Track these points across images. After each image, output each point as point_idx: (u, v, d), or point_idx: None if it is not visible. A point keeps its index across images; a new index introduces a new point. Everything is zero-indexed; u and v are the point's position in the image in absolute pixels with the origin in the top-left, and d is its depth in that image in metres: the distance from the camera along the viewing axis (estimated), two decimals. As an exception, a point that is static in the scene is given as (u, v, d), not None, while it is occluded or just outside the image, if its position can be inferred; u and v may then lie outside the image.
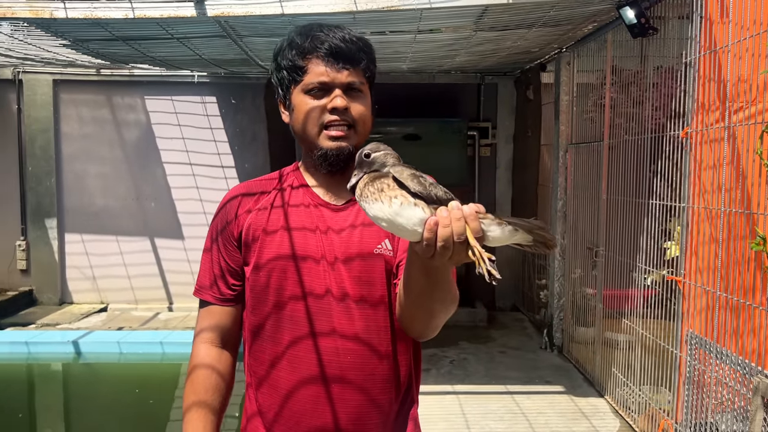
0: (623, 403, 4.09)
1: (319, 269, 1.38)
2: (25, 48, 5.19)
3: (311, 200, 1.44)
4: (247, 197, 1.47)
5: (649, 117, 3.80)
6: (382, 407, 1.39)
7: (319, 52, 1.37)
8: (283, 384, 1.38)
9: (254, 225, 1.42)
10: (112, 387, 5.24)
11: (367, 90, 1.43)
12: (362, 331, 1.37)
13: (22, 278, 7.03)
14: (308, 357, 1.36)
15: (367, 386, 1.37)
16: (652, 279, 3.82)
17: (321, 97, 1.38)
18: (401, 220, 1.09)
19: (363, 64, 1.40)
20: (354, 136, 1.39)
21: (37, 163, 6.93)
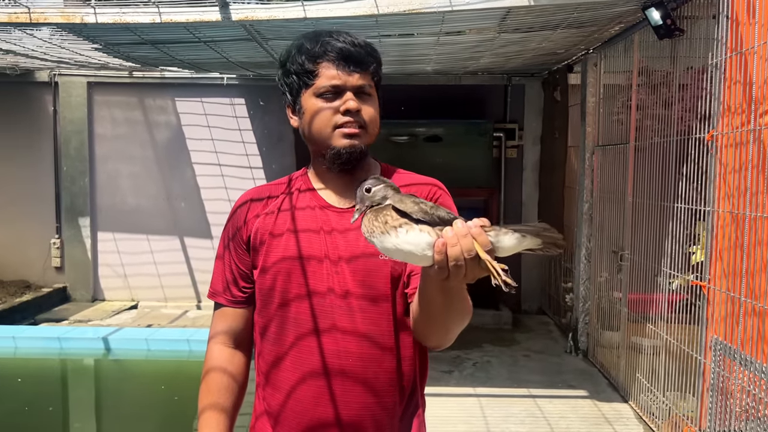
0: (647, 409, 4.03)
1: (322, 268, 1.41)
2: (59, 52, 5.34)
3: (317, 203, 1.47)
4: (256, 202, 1.51)
5: (679, 119, 3.74)
6: (385, 404, 1.41)
7: (330, 56, 1.40)
8: (286, 382, 1.42)
9: (262, 229, 1.46)
10: (140, 383, 5.35)
11: (374, 93, 1.46)
12: (364, 328, 1.39)
13: (57, 275, 7.23)
14: (311, 355, 1.40)
15: (370, 382, 1.39)
16: (678, 284, 3.76)
17: (333, 99, 1.41)
18: (410, 247, 1.11)
19: (372, 68, 1.44)
20: (365, 136, 1.43)
21: (72, 163, 7.12)
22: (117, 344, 5.54)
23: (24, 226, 7.21)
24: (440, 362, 5.05)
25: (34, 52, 5.43)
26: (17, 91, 7.12)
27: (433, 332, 1.37)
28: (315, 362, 1.39)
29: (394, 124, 6.50)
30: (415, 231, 1.11)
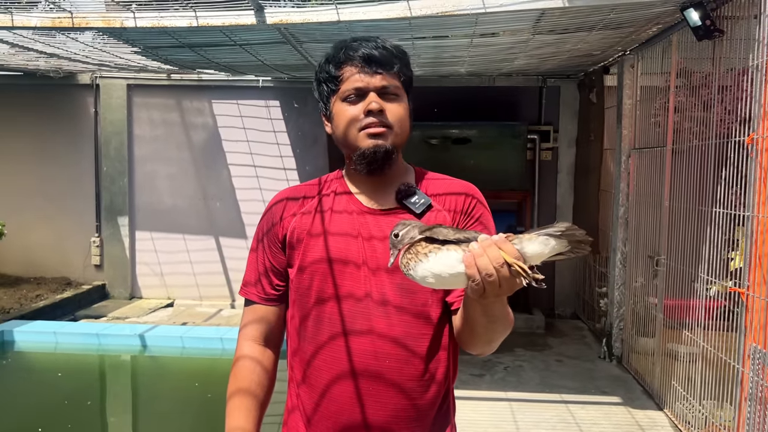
0: (683, 417, 3.95)
1: (360, 274, 1.42)
2: (100, 55, 5.48)
3: (355, 207, 1.48)
4: (292, 201, 1.53)
5: (718, 121, 3.66)
6: (418, 407, 1.41)
7: (353, 60, 1.42)
8: (321, 381, 1.43)
9: (298, 228, 1.48)
10: (174, 380, 5.45)
11: (402, 93, 1.47)
12: (400, 333, 1.40)
13: (96, 273, 7.41)
14: (346, 356, 1.41)
15: (404, 386, 1.40)
16: (715, 290, 3.68)
17: (357, 102, 1.43)
18: (442, 268, 1.16)
19: (396, 68, 1.45)
20: (391, 136, 1.43)
21: (111, 163, 7.29)
22: (153, 341, 5.66)
23: (65, 224, 7.42)
24: (471, 366, 5.03)
25: (77, 56, 5.58)
26: (60, 93, 7.34)
27: (477, 345, 1.42)
28: (350, 363, 1.40)
29: (427, 126, 6.50)
30: (443, 252, 1.16)
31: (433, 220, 1.44)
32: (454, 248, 1.16)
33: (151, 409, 4.90)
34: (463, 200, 1.48)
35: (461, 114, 6.69)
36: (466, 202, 1.48)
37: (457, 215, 1.47)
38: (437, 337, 1.43)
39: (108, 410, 4.88)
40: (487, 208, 1.51)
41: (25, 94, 7.36)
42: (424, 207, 1.45)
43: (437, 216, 1.45)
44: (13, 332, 5.58)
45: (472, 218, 1.47)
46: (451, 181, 1.54)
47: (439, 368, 1.43)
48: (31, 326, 5.73)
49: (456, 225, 1.46)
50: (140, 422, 4.72)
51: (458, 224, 1.46)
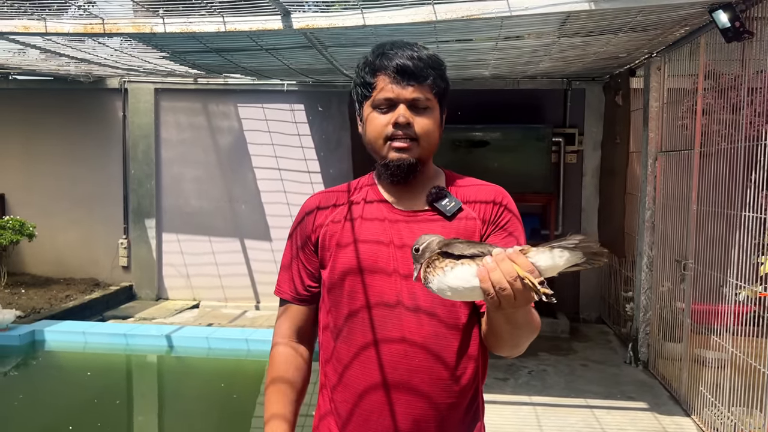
0: (711, 424, 3.89)
1: (391, 281, 1.43)
2: (129, 60, 5.58)
3: (387, 214, 1.50)
4: (323, 209, 1.55)
5: (748, 124, 3.61)
6: (447, 413, 1.43)
7: (387, 70, 1.44)
8: (355, 385, 1.45)
9: (331, 233, 1.50)
10: (200, 380, 5.52)
11: (434, 105, 1.47)
12: (432, 342, 1.42)
13: (124, 274, 7.53)
14: (378, 362, 1.42)
15: (432, 393, 1.41)
16: (745, 295, 3.63)
17: (387, 112, 1.45)
18: (458, 281, 1.20)
19: (430, 81, 1.45)
20: (417, 149, 1.45)
21: (139, 166, 7.41)
22: (179, 342, 5.74)
23: (94, 226, 7.56)
24: (495, 369, 5.01)
25: (107, 61, 5.69)
26: (90, 97, 7.48)
27: (503, 349, 1.44)
28: (383, 368, 1.42)
29: (452, 129, 6.50)
30: (458, 266, 1.20)
31: (464, 224, 1.46)
32: (469, 263, 1.19)
33: (178, 409, 4.97)
34: (491, 209, 1.49)
35: (486, 117, 6.67)
36: (494, 211, 1.49)
37: (486, 225, 1.48)
38: (465, 344, 1.44)
39: (135, 410, 4.96)
40: (515, 213, 1.52)
41: (56, 98, 7.52)
42: (454, 210, 1.47)
43: (467, 223, 1.47)
44: (44, 332, 5.70)
45: (499, 226, 1.48)
46: (480, 186, 1.55)
47: (467, 374, 1.45)
48: (61, 326, 5.84)
49: (484, 233, 1.48)
50: (166, 422, 4.79)
51: (486, 233, 1.48)
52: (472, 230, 1.46)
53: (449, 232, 1.44)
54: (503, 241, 1.46)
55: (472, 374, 1.45)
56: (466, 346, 1.45)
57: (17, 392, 5.06)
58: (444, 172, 1.58)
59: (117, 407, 4.89)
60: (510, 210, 1.51)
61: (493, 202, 1.50)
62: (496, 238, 1.47)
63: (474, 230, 1.47)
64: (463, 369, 1.44)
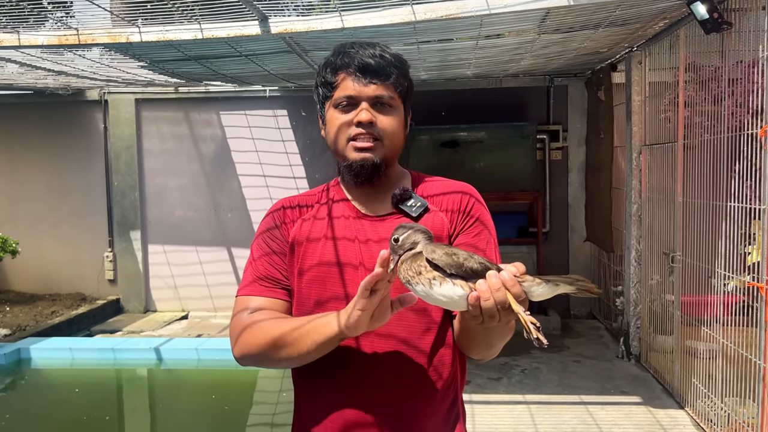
0: (705, 415, 3.89)
1: (357, 275, 1.41)
2: (108, 70, 5.52)
3: (351, 213, 1.48)
4: (290, 209, 1.53)
5: (729, 115, 3.62)
6: (426, 403, 1.40)
7: (349, 67, 1.41)
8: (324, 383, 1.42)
9: (298, 235, 1.48)
10: (190, 393, 5.45)
11: (398, 104, 1.45)
12: (401, 333, 1.40)
13: (110, 287, 7.44)
14: (348, 356, 1.39)
15: (409, 383, 1.39)
16: (733, 285, 3.63)
17: (349, 111, 1.42)
18: (443, 299, 1.16)
19: (393, 79, 1.42)
20: (381, 149, 1.43)
21: (122, 178, 7.33)
22: (168, 354, 5.66)
23: (78, 240, 7.47)
24: (488, 369, 4.99)
25: (85, 72, 5.62)
26: (70, 110, 7.40)
27: (476, 351, 1.43)
28: (353, 363, 1.39)
29: (435, 129, 6.49)
30: (449, 284, 1.15)
31: (430, 223, 1.43)
32: (461, 284, 1.14)
33: (169, 423, 4.90)
34: (460, 199, 1.48)
35: (469, 116, 6.67)
36: (464, 201, 1.48)
37: (455, 214, 1.46)
38: (441, 334, 1.42)
39: (126, 425, 4.89)
40: (485, 207, 1.51)
41: (35, 112, 7.43)
42: (420, 210, 1.45)
43: (434, 218, 1.45)
44: (30, 350, 5.60)
45: (472, 217, 1.47)
46: (447, 182, 1.54)
47: (444, 364, 1.42)
48: (47, 343, 5.75)
49: (454, 225, 1.45)
50: (158, 436, 4.73)
51: (456, 224, 1.46)
52: (439, 226, 1.44)
53: None
54: (477, 236, 1.45)
55: (449, 368, 1.43)
56: (441, 338, 1.43)
57: (4, 412, 4.97)
58: (410, 173, 1.56)
59: (107, 423, 4.81)
60: (480, 202, 1.50)
61: (462, 192, 1.49)
62: (467, 236, 1.45)
63: (441, 226, 1.45)
64: (438, 361, 1.41)
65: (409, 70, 1.48)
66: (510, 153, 6.53)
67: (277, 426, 4.71)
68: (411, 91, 1.49)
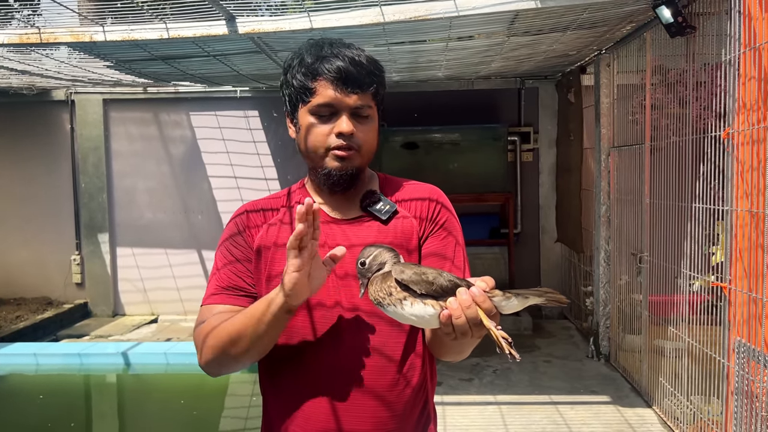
0: (671, 413, 3.94)
1: (328, 282, 1.39)
2: (73, 70, 5.41)
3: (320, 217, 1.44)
4: (254, 213, 1.50)
5: (696, 117, 3.67)
6: (396, 415, 1.39)
7: (328, 74, 1.37)
8: (296, 394, 1.40)
9: (265, 240, 1.45)
10: (160, 397, 5.36)
11: (374, 113, 1.43)
12: (372, 341, 1.38)
13: (78, 291, 7.30)
14: (318, 366, 1.38)
15: (380, 394, 1.38)
16: (698, 285, 3.68)
17: (327, 120, 1.39)
18: (415, 318, 1.17)
19: (372, 89, 1.40)
20: (358, 158, 1.41)
21: (90, 179, 7.19)
22: (137, 359, 5.57)
23: (44, 243, 7.31)
24: (460, 370, 5.00)
25: (49, 72, 5.50)
26: (35, 110, 7.23)
27: (447, 355, 1.44)
28: (322, 373, 1.38)
29: (407, 131, 6.48)
30: (419, 304, 1.16)
31: (400, 227, 1.43)
32: (432, 303, 1.15)
33: (137, 429, 4.82)
34: (428, 206, 1.47)
35: (441, 118, 6.68)
36: (431, 208, 1.47)
37: (423, 222, 1.46)
38: (411, 343, 1.42)
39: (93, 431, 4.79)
40: (451, 211, 1.51)
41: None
42: (389, 213, 1.44)
43: (404, 222, 1.44)
44: (-7, 355, 5.47)
45: (437, 224, 1.47)
46: (415, 185, 1.53)
47: (415, 374, 1.42)
48: (11, 348, 5.62)
49: (422, 232, 1.46)
50: (126, 442, 4.64)
51: (425, 231, 1.46)
52: (409, 231, 1.44)
53: (386, 235, 1.42)
54: (443, 241, 1.45)
55: (419, 376, 1.42)
56: (411, 347, 1.42)
57: (-35, 420, 4.84)
58: (377, 175, 1.55)
59: (72, 430, 4.71)
60: (446, 208, 1.50)
61: (429, 199, 1.48)
62: (436, 239, 1.46)
63: (411, 231, 1.44)
64: (409, 370, 1.40)
65: (384, 76, 1.46)
66: (482, 154, 6.56)
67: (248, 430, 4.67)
68: (384, 98, 1.47)
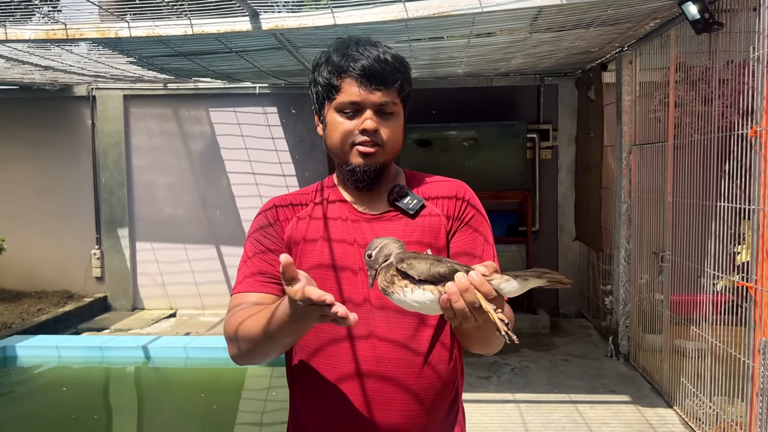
0: (693, 414, 3.91)
1: (357, 280, 1.40)
2: (96, 66, 5.46)
3: (349, 214, 1.46)
4: (283, 208, 1.51)
5: (720, 115, 3.63)
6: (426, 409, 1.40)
7: (353, 72, 1.38)
8: (324, 388, 1.41)
9: (294, 233, 1.46)
10: (179, 391, 5.41)
11: (399, 109, 1.44)
12: (401, 336, 1.39)
13: (98, 285, 7.38)
14: (348, 361, 1.39)
15: (410, 387, 1.39)
16: (722, 285, 3.65)
17: (353, 117, 1.40)
18: (417, 305, 1.19)
19: (397, 85, 1.41)
20: (383, 154, 1.42)
21: (110, 175, 7.26)
22: (156, 352, 5.62)
23: (65, 237, 7.39)
24: (478, 368, 4.99)
25: (72, 68, 5.56)
26: (57, 105, 7.31)
27: (474, 347, 1.44)
28: (352, 368, 1.39)
29: (425, 128, 6.47)
30: (419, 290, 1.18)
31: (428, 221, 1.44)
32: (431, 288, 1.17)
33: (157, 421, 4.86)
34: (455, 204, 1.48)
35: (460, 115, 6.67)
36: (458, 206, 1.47)
37: (450, 220, 1.46)
38: (437, 334, 1.42)
39: (114, 424, 4.84)
40: (479, 208, 1.51)
41: (22, 108, 7.33)
42: (417, 207, 1.45)
43: (431, 219, 1.45)
44: (16, 347, 5.54)
45: (464, 222, 1.47)
46: (442, 182, 1.53)
47: (443, 366, 1.42)
48: (34, 341, 5.69)
49: (449, 229, 1.45)
50: (146, 435, 4.68)
51: (452, 229, 1.46)
52: (436, 227, 1.44)
53: (413, 231, 1.42)
54: (470, 237, 1.45)
55: (449, 370, 1.43)
56: (439, 335, 1.43)
57: (-11, 411, 4.91)
58: (404, 171, 1.55)
59: (95, 422, 4.76)
60: (473, 205, 1.50)
61: (456, 197, 1.48)
62: (463, 235, 1.46)
63: (438, 227, 1.44)
64: (438, 364, 1.41)
65: (410, 73, 1.46)
66: (500, 152, 6.53)
67: (266, 425, 4.69)
68: (410, 95, 1.47)
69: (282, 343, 1.29)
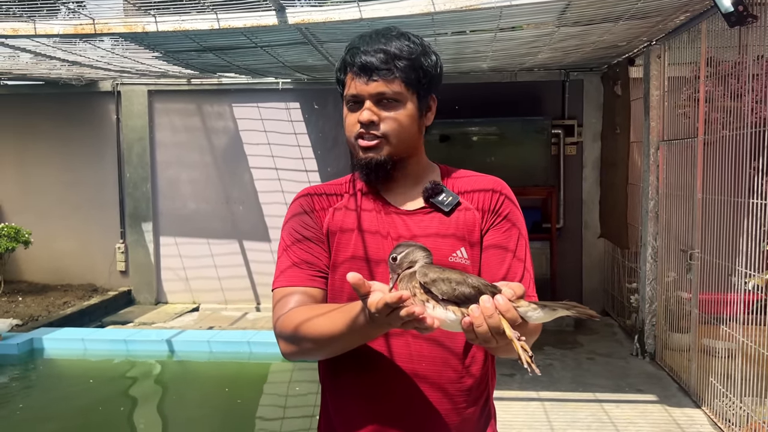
0: (722, 415, 3.84)
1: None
2: (122, 61, 5.50)
3: (382, 207, 1.45)
4: (318, 197, 1.49)
5: (750, 110, 3.55)
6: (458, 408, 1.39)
7: (354, 66, 1.39)
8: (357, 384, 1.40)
9: (332, 224, 1.45)
10: (203, 385, 5.44)
11: (406, 97, 1.39)
12: (435, 335, 1.36)
13: (122, 279, 7.45)
14: (382, 357, 1.38)
15: (443, 386, 1.37)
16: (754, 283, 3.57)
17: (356, 109, 1.40)
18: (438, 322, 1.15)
19: (398, 73, 1.36)
20: (385, 147, 1.39)
21: (134, 169, 7.32)
22: (180, 346, 5.67)
23: (90, 231, 7.48)
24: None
25: (98, 63, 5.61)
26: (83, 100, 7.39)
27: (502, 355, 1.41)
28: (385, 367, 1.37)
29: (449, 123, 6.44)
30: (440, 309, 1.15)
31: (463, 217, 1.42)
32: (453, 309, 1.14)
33: (181, 415, 4.90)
34: (491, 197, 1.45)
35: (484, 110, 6.61)
36: (494, 199, 1.45)
37: (486, 214, 1.44)
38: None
39: (139, 416, 4.88)
40: (515, 203, 1.48)
41: (48, 103, 7.43)
42: (452, 205, 1.43)
43: (466, 214, 1.43)
44: (43, 340, 5.62)
45: (500, 216, 1.45)
46: (477, 177, 1.51)
47: (477, 367, 1.41)
48: (60, 333, 5.77)
49: (484, 224, 1.43)
50: (171, 428, 4.72)
51: (486, 225, 1.44)
52: (471, 223, 1.42)
53: (448, 227, 1.40)
54: (505, 233, 1.43)
55: (481, 369, 1.42)
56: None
57: (17, 402, 4.98)
58: (438, 167, 1.53)
59: (120, 414, 4.81)
60: (510, 199, 1.47)
61: (492, 190, 1.46)
62: (498, 231, 1.43)
63: (474, 223, 1.43)
64: (471, 362, 1.40)
65: (422, 59, 1.40)
66: (524, 148, 6.48)
67: (288, 419, 4.71)
68: (429, 78, 1.41)
69: (355, 345, 1.30)
